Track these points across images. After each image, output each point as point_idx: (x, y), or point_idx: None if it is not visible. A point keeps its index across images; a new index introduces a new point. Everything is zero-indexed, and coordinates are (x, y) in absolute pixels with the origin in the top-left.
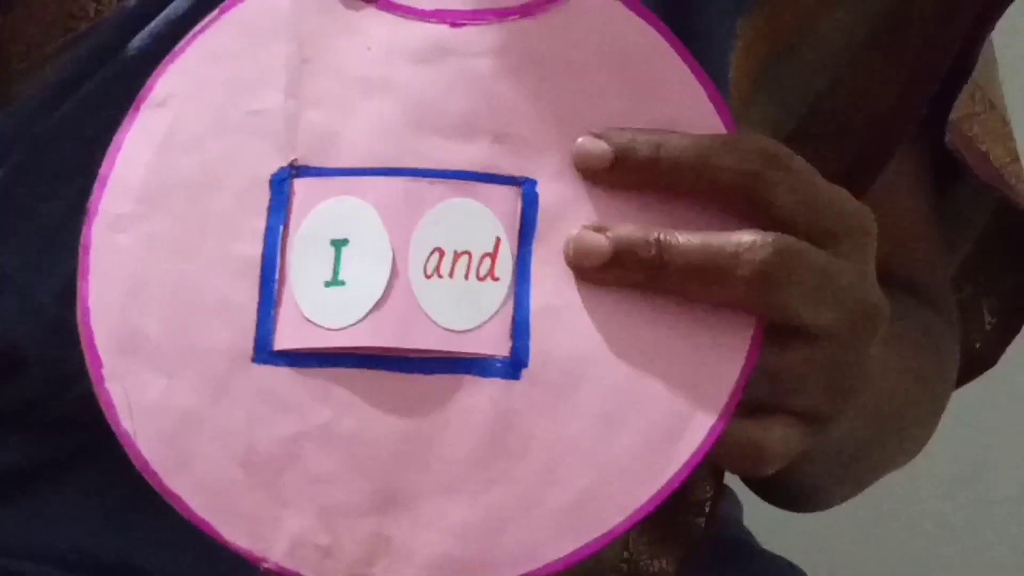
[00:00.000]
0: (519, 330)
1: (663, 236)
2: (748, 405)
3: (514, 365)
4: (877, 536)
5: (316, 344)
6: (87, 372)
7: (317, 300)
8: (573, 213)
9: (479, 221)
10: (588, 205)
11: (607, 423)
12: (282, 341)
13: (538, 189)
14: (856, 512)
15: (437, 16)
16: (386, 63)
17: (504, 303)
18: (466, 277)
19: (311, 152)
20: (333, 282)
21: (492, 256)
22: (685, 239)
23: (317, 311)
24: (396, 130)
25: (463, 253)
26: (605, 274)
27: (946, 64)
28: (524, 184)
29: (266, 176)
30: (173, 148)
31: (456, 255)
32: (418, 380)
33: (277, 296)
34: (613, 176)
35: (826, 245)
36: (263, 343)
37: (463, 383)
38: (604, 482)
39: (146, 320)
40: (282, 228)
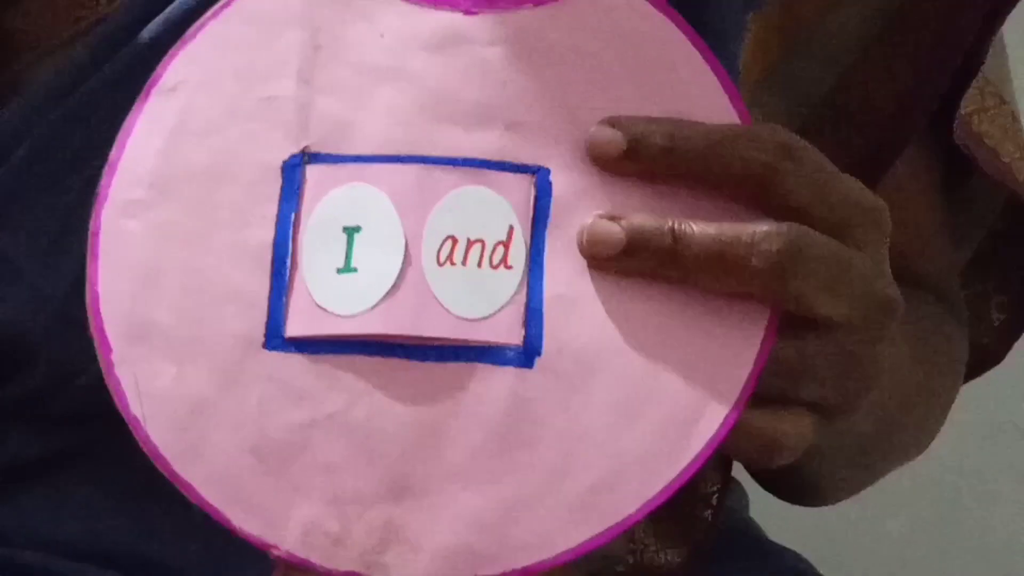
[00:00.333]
0: (532, 319)
1: (678, 225)
2: (761, 396)
3: (527, 354)
4: (882, 527)
5: (328, 331)
6: (95, 364)
7: (329, 287)
8: (586, 202)
9: (492, 209)
10: (601, 194)
11: (620, 413)
12: (294, 328)
13: (551, 178)
14: (861, 504)
15: (450, 4)
16: (399, 51)
17: (517, 291)
18: (479, 265)
19: (323, 139)
20: (345, 269)
21: (505, 244)
22: (700, 228)
23: (329, 298)
24: (409, 118)
25: (476, 241)
26: (619, 263)
27: (957, 60)
28: (537, 173)
29: (278, 163)
30: (184, 134)
31: (469, 243)
32: (430, 368)
33: (289, 283)
34: (627, 165)
35: (840, 236)
36: (274, 330)
37: (476, 371)
38: (617, 472)
39: (156, 307)
40: (294, 215)
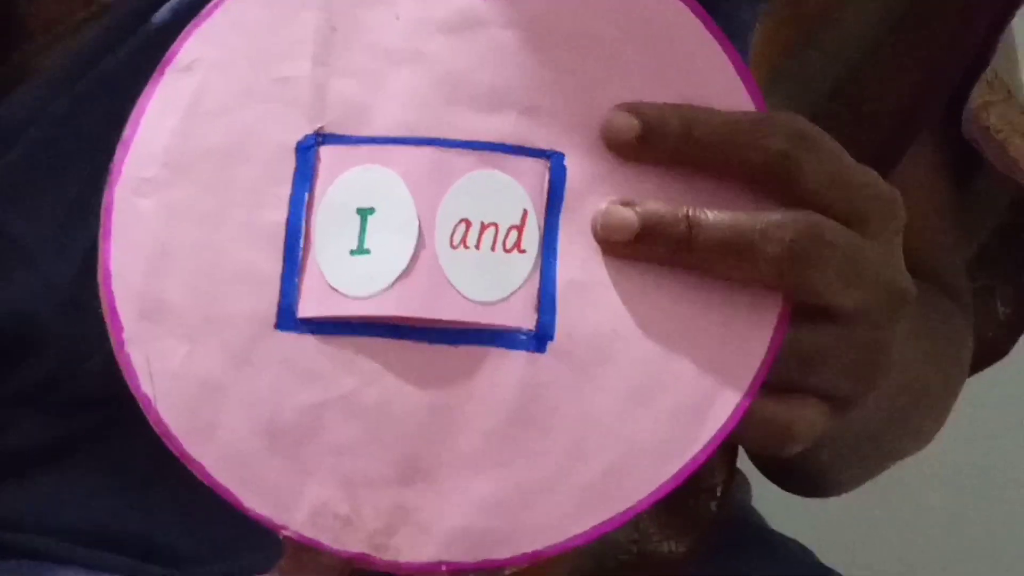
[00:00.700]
0: (545, 303)
1: (692, 212)
2: (773, 384)
3: (540, 338)
4: (885, 518)
5: (340, 312)
6: (104, 349)
7: (342, 268)
8: (601, 187)
9: (506, 193)
10: (616, 180)
11: (632, 399)
12: (306, 309)
13: (566, 163)
14: (865, 494)
15: None
16: (415, 34)
17: (530, 276)
18: (492, 249)
19: (338, 121)
20: (358, 251)
21: (519, 228)
22: (714, 215)
23: (342, 279)
24: (424, 100)
25: (490, 225)
26: (632, 249)
27: (969, 53)
28: (552, 157)
29: (292, 144)
30: (198, 114)
31: (483, 226)
32: (443, 351)
33: (301, 264)
34: (641, 151)
35: (854, 225)
36: (287, 311)
37: (488, 355)
38: (628, 458)
39: (169, 286)
40: (307, 196)
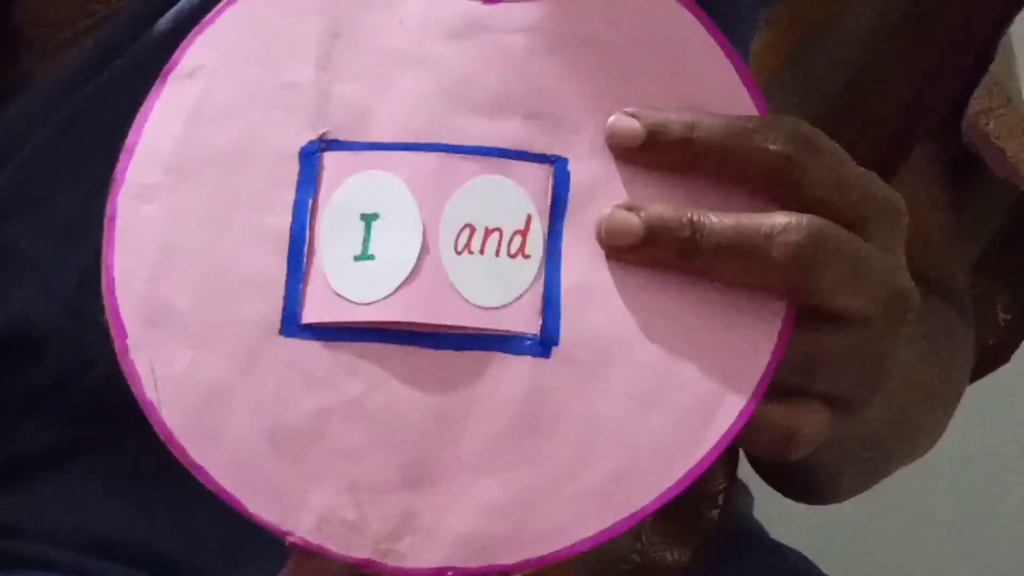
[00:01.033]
0: (550, 308)
1: (696, 216)
2: (778, 389)
3: (544, 343)
4: (886, 528)
5: (345, 318)
6: (106, 356)
7: (346, 274)
8: (605, 192)
9: (510, 198)
10: (620, 184)
11: (637, 403)
12: (311, 315)
13: (570, 168)
14: (866, 504)
15: None
16: (419, 38)
17: (535, 280)
18: (497, 254)
19: (342, 126)
20: (363, 256)
21: (523, 233)
22: (718, 220)
23: (346, 285)
24: (428, 106)
25: (494, 230)
26: (637, 254)
27: (968, 59)
28: (556, 162)
29: (295, 149)
30: (201, 120)
31: (487, 231)
32: (448, 356)
33: (306, 269)
34: (645, 155)
35: (857, 229)
36: (291, 316)
37: (493, 360)
38: (634, 463)
39: (173, 292)
40: (311, 201)
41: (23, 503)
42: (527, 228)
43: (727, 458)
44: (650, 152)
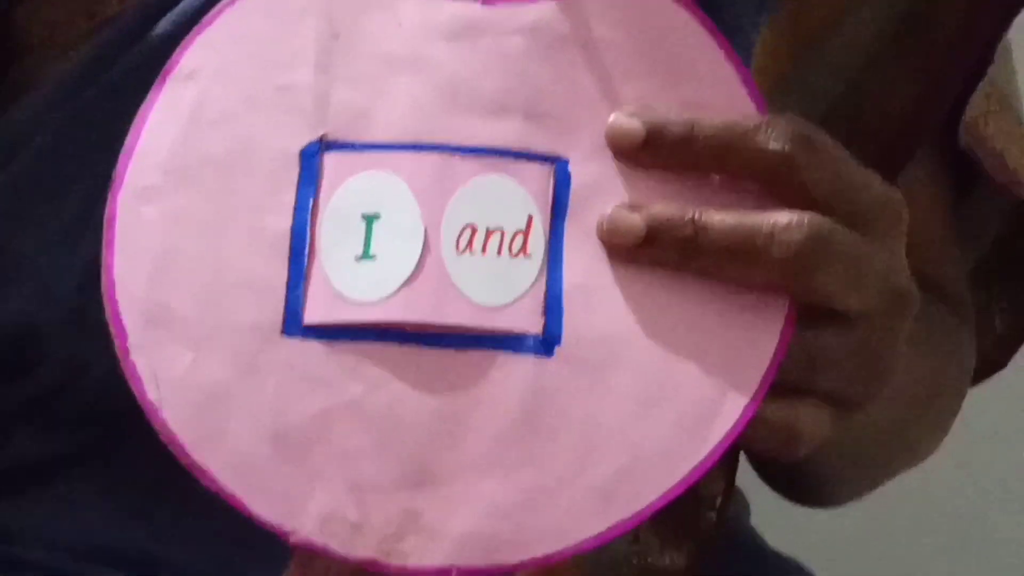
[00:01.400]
0: (551, 307)
1: (698, 215)
2: (779, 387)
3: (546, 342)
4: (884, 537)
5: (346, 318)
6: (104, 361)
7: (348, 274)
8: (605, 192)
9: (511, 198)
10: (620, 184)
11: (640, 403)
12: (312, 315)
13: (570, 168)
14: (863, 512)
15: None
16: (418, 40)
17: (536, 280)
18: (498, 253)
19: (342, 127)
20: (364, 256)
21: (524, 233)
22: (720, 218)
23: (348, 285)
24: (428, 107)
25: (495, 230)
26: (638, 253)
27: (968, 64)
28: (556, 162)
29: (296, 151)
30: (200, 121)
31: (488, 231)
32: (450, 356)
33: (307, 270)
34: (645, 155)
35: (858, 228)
36: (293, 317)
37: (495, 360)
38: (636, 462)
39: (173, 293)
40: (312, 202)
41: (21, 510)
42: (528, 228)
43: (725, 460)
44: (650, 152)
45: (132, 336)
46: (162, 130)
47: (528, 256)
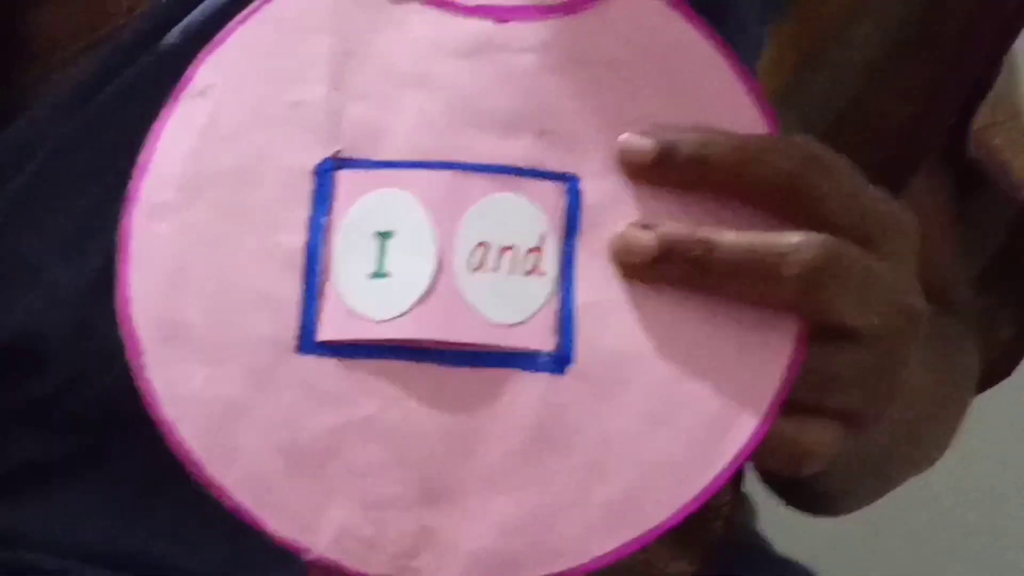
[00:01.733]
0: (564, 325)
1: (710, 234)
2: (790, 405)
3: (559, 360)
4: (891, 542)
5: (360, 336)
6: (110, 368)
7: (361, 292)
8: (617, 210)
9: (524, 216)
10: (632, 203)
11: (652, 421)
12: (326, 332)
13: (582, 186)
14: (870, 518)
15: (480, 12)
16: (430, 57)
17: (549, 298)
18: (511, 271)
19: (354, 144)
20: (378, 274)
21: (537, 251)
22: (732, 238)
23: (361, 303)
24: (440, 124)
25: (508, 248)
26: (650, 271)
27: (974, 74)
28: (568, 180)
29: (309, 168)
30: (213, 138)
31: (501, 249)
32: (463, 373)
33: (321, 287)
34: (657, 173)
35: (869, 246)
36: (307, 334)
37: (509, 377)
38: (649, 479)
39: (188, 309)
40: (325, 219)
41: (20, 513)
42: (541, 246)
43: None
44: (662, 170)
45: (148, 353)
46: (175, 147)
47: (541, 274)
